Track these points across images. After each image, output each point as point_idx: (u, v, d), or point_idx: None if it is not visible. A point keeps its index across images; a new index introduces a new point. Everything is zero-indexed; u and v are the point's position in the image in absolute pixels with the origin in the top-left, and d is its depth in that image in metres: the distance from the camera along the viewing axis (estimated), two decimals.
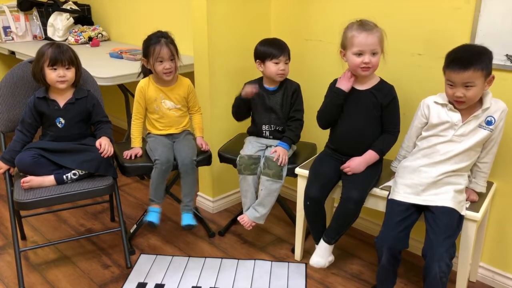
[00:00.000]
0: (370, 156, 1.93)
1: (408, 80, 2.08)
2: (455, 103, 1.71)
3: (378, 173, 1.98)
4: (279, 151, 2.11)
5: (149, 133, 2.29)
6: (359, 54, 1.84)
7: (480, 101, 1.71)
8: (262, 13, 2.56)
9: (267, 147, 2.21)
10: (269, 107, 2.21)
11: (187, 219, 2.17)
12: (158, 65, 2.12)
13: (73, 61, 2.04)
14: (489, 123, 1.70)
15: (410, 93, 2.05)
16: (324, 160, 2.06)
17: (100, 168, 2.03)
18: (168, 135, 2.26)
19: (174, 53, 2.14)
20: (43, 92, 2.05)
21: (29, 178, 1.94)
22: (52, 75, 1.99)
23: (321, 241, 1.98)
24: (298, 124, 2.20)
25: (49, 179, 1.97)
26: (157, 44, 2.11)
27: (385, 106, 1.91)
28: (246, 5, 2.47)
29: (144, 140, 2.28)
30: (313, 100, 2.38)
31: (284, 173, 2.13)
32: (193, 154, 2.17)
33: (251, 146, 2.20)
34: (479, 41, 1.82)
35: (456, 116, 1.72)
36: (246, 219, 2.16)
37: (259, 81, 2.25)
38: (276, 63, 2.13)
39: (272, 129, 2.23)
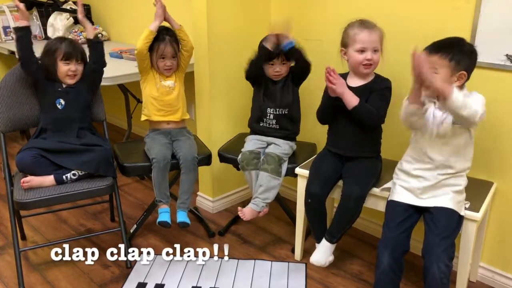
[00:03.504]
0: (352, 94, 1.85)
1: (408, 80, 2.07)
2: None
3: (378, 171, 1.98)
4: None
5: (148, 134, 2.29)
6: (362, 51, 1.86)
7: None
8: (262, 13, 2.56)
9: (268, 145, 2.22)
10: (272, 90, 2.22)
11: (183, 216, 2.17)
12: (160, 62, 2.19)
13: (83, 57, 2.11)
14: None
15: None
16: (324, 158, 2.06)
17: (100, 169, 2.03)
18: (167, 133, 2.26)
19: (177, 51, 2.20)
20: None
21: (29, 178, 1.95)
22: (65, 68, 2.05)
23: (323, 239, 1.98)
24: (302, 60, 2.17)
25: (49, 179, 1.97)
26: (162, 42, 2.16)
27: (375, 91, 1.91)
28: (246, 5, 2.47)
29: (143, 142, 2.29)
30: (312, 100, 2.38)
31: (283, 170, 2.13)
32: (195, 151, 2.19)
33: (251, 143, 2.21)
34: (479, 41, 1.83)
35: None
36: (248, 212, 2.09)
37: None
38: (272, 64, 2.16)
39: (277, 112, 2.22)
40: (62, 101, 2.07)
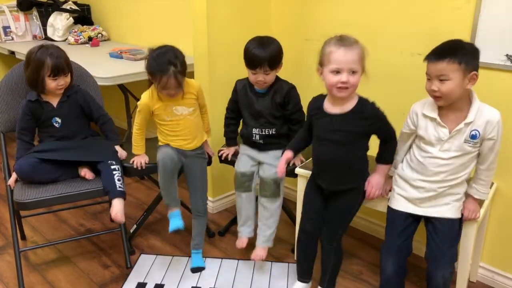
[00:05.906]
0: (383, 168, 1.80)
1: (408, 80, 2.07)
2: (433, 99, 1.62)
3: (357, 204, 1.86)
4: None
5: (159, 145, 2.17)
6: (336, 72, 1.64)
7: (467, 112, 1.61)
8: (262, 13, 2.56)
9: (259, 163, 2.14)
10: (257, 111, 2.10)
11: (197, 260, 2.15)
12: (163, 91, 1.94)
13: (69, 66, 2.05)
14: (473, 137, 1.59)
15: (409, 93, 2.04)
16: (311, 192, 1.92)
17: (108, 155, 2.04)
18: (179, 149, 2.09)
19: (181, 82, 1.92)
20: (35, 95, 2.02)
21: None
22: (53, 84, 1.99)
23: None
24: (300, 126, 2.07)
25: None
26: (164, 75, 1.86)
27: (376, 130, 1.76)
28: (246, 5, 2.47)
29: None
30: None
31: (282, 189, 2.10)
32: (206, 192, 2.13)
33: (244, 161, 2.15)
34: (479, 41, 1.83)
35: (443, 132, 1.62)
36: (259, 252, 2.08)
37: (248, 81, 2.13)
38: (254, 73, 2.02)
39: (262, 133, 2.13)
40: (58, 119, 2.04)
